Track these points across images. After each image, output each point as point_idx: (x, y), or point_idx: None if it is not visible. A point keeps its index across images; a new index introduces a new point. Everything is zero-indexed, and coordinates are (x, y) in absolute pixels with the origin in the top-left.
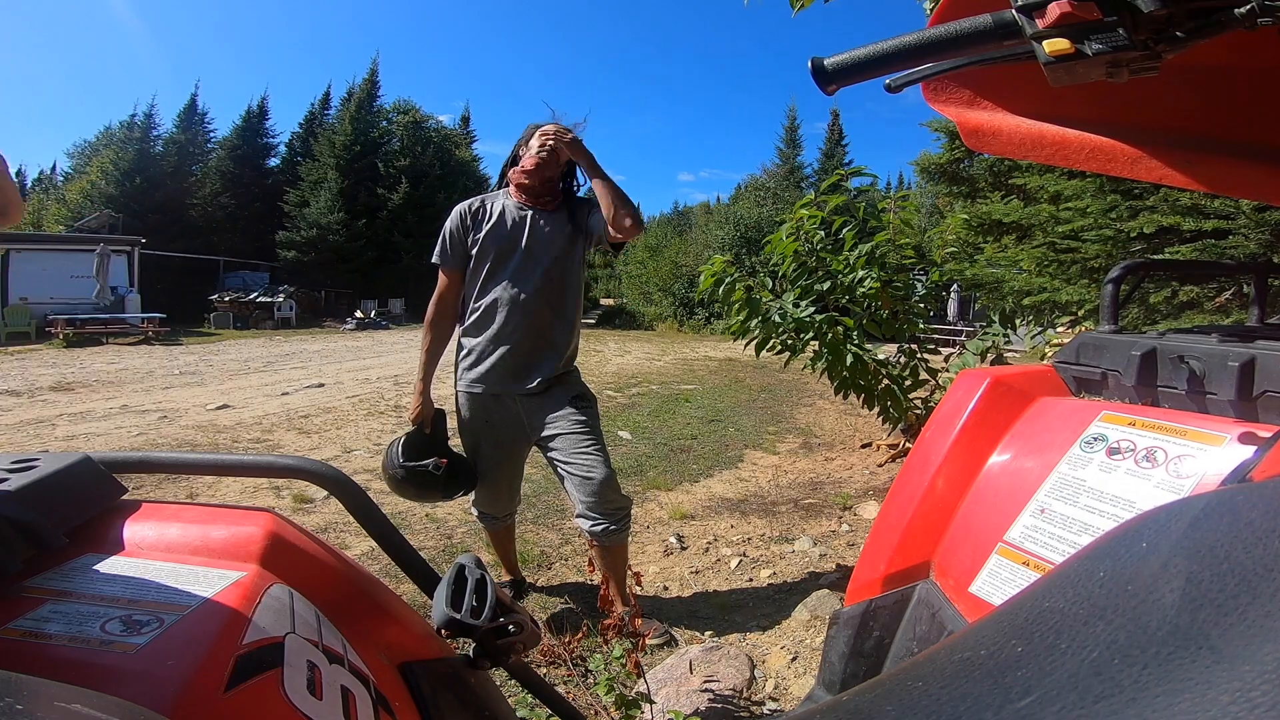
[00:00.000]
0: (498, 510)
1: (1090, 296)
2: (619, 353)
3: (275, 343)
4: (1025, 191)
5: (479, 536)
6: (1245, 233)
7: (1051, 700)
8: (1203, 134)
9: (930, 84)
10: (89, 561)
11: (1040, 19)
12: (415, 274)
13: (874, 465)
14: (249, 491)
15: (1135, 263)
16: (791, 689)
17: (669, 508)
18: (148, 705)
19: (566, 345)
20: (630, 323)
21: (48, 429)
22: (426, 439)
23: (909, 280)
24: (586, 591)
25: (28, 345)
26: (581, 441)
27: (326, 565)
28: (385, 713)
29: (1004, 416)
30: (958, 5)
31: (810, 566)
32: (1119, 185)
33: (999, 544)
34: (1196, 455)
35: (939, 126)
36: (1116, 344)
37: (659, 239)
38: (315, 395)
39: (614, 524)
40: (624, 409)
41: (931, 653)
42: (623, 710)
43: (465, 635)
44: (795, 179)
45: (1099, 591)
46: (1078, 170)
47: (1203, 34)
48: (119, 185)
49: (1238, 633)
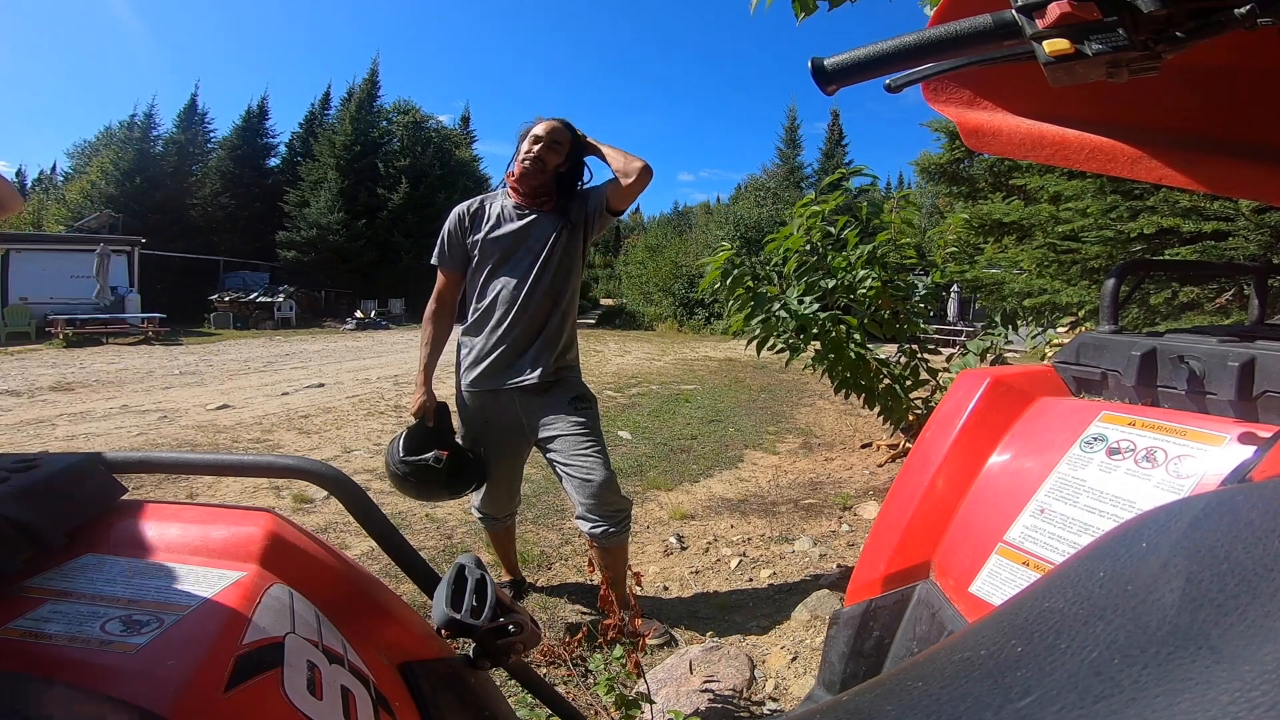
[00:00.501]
0: (498, 511)
1: (1090, 297)
2: (619, 353)
3: (275, 343)
4: (1025, 192)
5: (479, 536)
6: (1245, 234)
7: (1051, 700)
8: (1203, 134)
9: (930, 84)
10: (89, 561)
11: (1040, 19)
12: (415, 274)
13: (874, 465)
14: (249, 491)
15: (1135, 263)
16: (791, 689)
17: (669, 508)
18: (147, 705)
19: (561, 339)
20: (630, 323)
21: (48, 429)
22: (429, 432)
23: (909, 280)
24: (586, 591)
25: (28, 345)
26: (581, 443)
27: (326, 565)
28: (385, 713)
29: (1004, 417)
30: (958, 5)
31: (810, 566)
32: (1119, 186)
33: (999, 544)
34: (1196, 455)
35: (939, 127)
36: (1116, 344)
37: (659, 239)
38: (315, 395)
39: (613, 525)
40: (624, 409)
41: (931, 653)
42: (623, 710)
43: (465, 635)
44: (795, 179)
45: (1099, 591)
46: (1078, 170)
47: (1203, 34)
48: (119, 185)
49: (1238, 633)
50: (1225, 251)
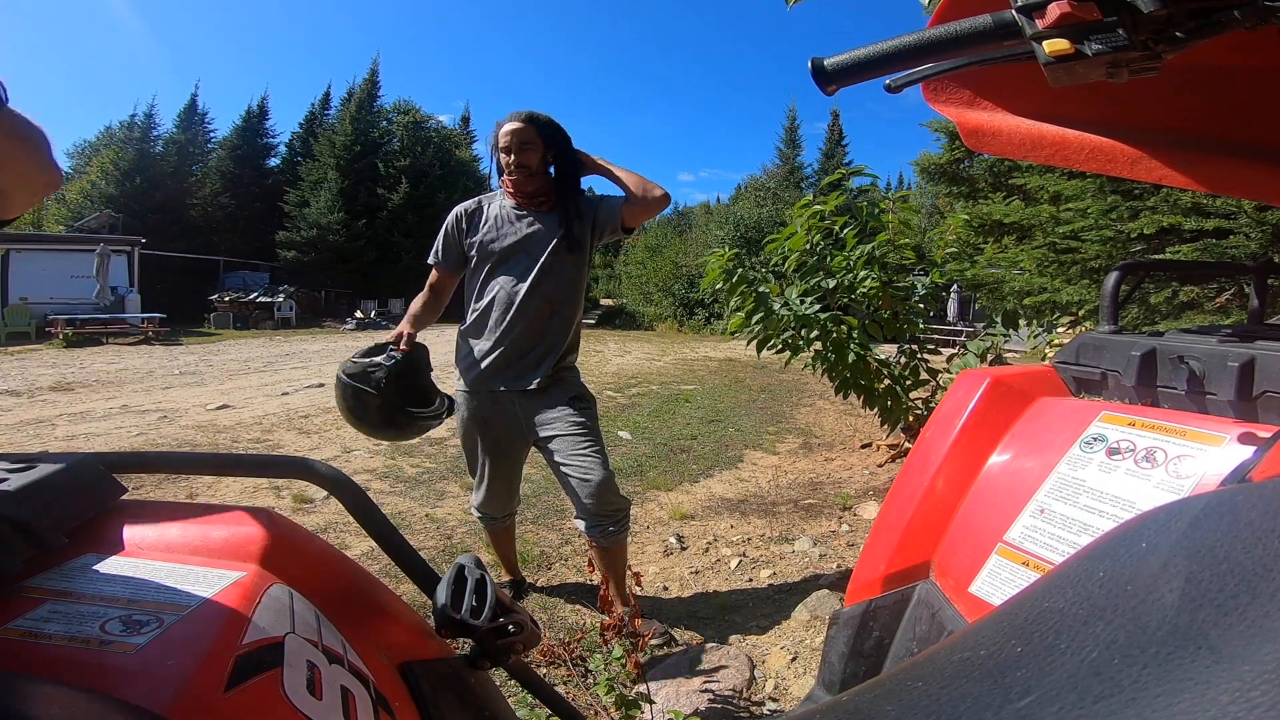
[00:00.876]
0: (497, 510)
1: (1090, 297)
2: (619, 353)
3: (275, 343)
4: (1025, 192)
5: (479, 536)
6: (1246, 233)
7: (1051, 700)
8: (1203, 134)
9: (930, 84)
10: (89, 561)
11: (1040, 19)
12: (415, 274)
13: (874, 465)
14: (249, 492)
15: (1135, 263)
16: (791, 689)
17: (669, 508)
18: (147, 705)
19: (564, 344)
20: (630, 323)
21: (47, 429)
22: (394, 363)
23: (909, 281)
24: (586, 591)
25: (28, 345)
26: (579, 443)
27: (326, 565)
28: (385, 713)
29: (1004, 417)
30: (958, 5)
31: (810, 567)
32: (1119, 186)
33: (999, 544)
34: (1196, 455)
35: (939, 127)
36: (1116, 344)
37: (659, 239)
38: (315, 395)
39: (612, 525)
40: (624, 409)
41: (931, 653)
42: (622, 710)
43: (465, 635)
44: (795, 179)
45: (1099, 592)
46: (1078, 171)
47: (1203, 34)
48: (119, 185)
49: (1237, 633)
50: (1226, 250)
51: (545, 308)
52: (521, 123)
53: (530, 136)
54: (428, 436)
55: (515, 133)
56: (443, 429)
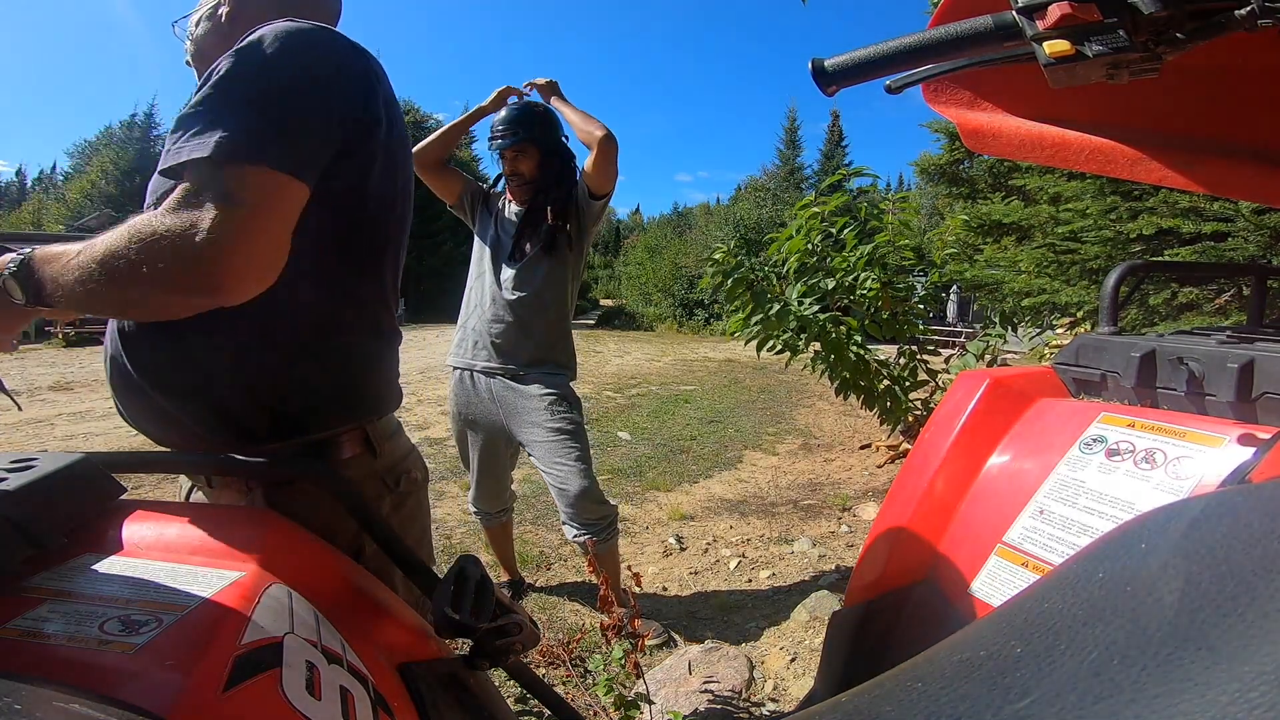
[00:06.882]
0: (489, 506)
1: (1090, 298)
2: (618, 353)
3: None
4: (1025, 193)
5: (478, 537)
6: (1245, 235)
7: (1051, 701)
8: (1203, 135)
9: (930, 85)
10: (88, 561)
11: (1040, 20)
12: (415, 274)
13: (873, 466)
14: None
15: (1134, 264)
16: (791, 690)
17: (668, 508)
18: (146, 705)
19: (546, 336)
20: (630, 323)
21: (47, 429)
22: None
23: (909, 281)
24: (586, 592)
25: (27, 345)
26: (558, 450)
27: (326, 565)
28: (384, 713)
29: (1003, 418)
30: (958, 6)
31: (809, 567)
32: (1119, 187)
33: (998, 545)
34: (1195, 457)
35: (939, 127)
36: (1116, 345)
37: (658, 240)
38: None
39: (595, 534)
40: (623, 409)
41: (931, 653)
42: (622, 711)
43: (464, 635)
44: (795, 180)
45: (1098, 593)
46: (1078, 172)
47: (1203, 35)
48: (119, 185)
49: (1237, 634)
50: (1225, 252)
51: (532, 302)
52: (513, 137)
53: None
54: (427, 436)
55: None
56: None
